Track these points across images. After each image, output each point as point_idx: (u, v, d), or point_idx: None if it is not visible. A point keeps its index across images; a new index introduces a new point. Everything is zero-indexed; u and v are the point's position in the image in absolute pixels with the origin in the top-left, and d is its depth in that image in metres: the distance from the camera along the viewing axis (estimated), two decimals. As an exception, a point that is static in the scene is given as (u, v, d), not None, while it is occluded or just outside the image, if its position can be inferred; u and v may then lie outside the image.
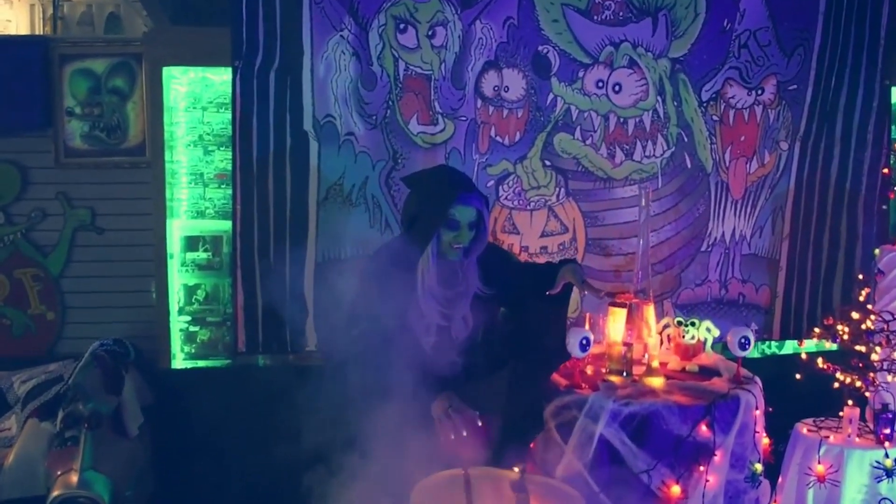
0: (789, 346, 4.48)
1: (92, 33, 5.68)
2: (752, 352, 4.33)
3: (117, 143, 4.20)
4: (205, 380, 4.21)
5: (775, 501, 3.24)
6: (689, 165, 4.18)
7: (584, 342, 2.90)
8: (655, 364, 3.00)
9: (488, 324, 3.00)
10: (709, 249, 4.25)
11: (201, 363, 4.22)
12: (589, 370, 3.12)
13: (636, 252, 3.35)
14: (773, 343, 4.45)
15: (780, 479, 3.28)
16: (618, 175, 4.12)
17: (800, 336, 4.39)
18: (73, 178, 4.18)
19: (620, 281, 4.13)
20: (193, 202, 4.22)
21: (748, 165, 4.24)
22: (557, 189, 4.09)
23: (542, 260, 4.06)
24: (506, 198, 4.05)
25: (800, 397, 3.45)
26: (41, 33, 5.42)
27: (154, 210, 4.09)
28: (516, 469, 2.74)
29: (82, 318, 4.24)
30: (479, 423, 2.75)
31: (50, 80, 4.08)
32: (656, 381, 2.96)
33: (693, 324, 3.16)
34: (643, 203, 3.25)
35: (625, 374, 3.03)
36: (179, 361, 4.22)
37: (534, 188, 4.07)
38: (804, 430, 3.25)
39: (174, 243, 4.18)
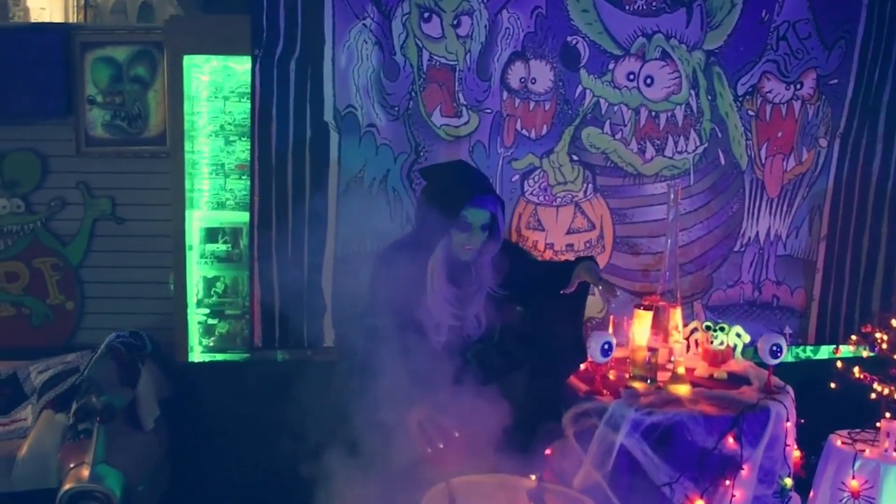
0: (825, 352, 4.27)
1: (125, 21, 5.65)
2: (786, 356, 4.17)
3: (138, 133, 4.12)
4: (222, 373, 4.12)
5: (806, 516, 3.06)
6: (722, 162, 4.00)
7: (606, 347, 2.75)
8: (681, 370, 2.84)
9: (503, 323, 2.86)
10: (742, 249, 4.06)
11: (219, 356, 4.13)
12: (611, 375, 2.97)
13: (665, 251, 3.18)
14: (808, 347, 4.23)
15: (811, 494, 3.11)
16: (648, 171, 3.95)
17: (836, 342, 4.18)
18: (93, 167, 4.11)
19: (649, 281, 3.96)
20: (214, 193, 4.13)
21: (785, 163, 4.04)
22: (585, 185, 3.93)
23: (567, 258, 3.90)
24: (531, 193, 3.90)
25: (834, 406, 3.28)
26: (74, 21, 5.41)
27: (173, 201, 3.99)
28: (532, 477, 2.62)
29: (101, 308, 4.17)
30: (457, 435, 2.58)
31: (71, 67, 3.99)
32: (682, 389, 2.80)
33: (722, 329, 3.00)
34: (672, 200, 3.08)
35: (649, 380, 2.87)
36: (197, 354, 4.13)
37: (560, 183, 3.91)
38: (838, 443, 3.06)
39: (194, 235, 4.08)
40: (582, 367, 2.95)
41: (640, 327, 3.01)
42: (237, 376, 4.08)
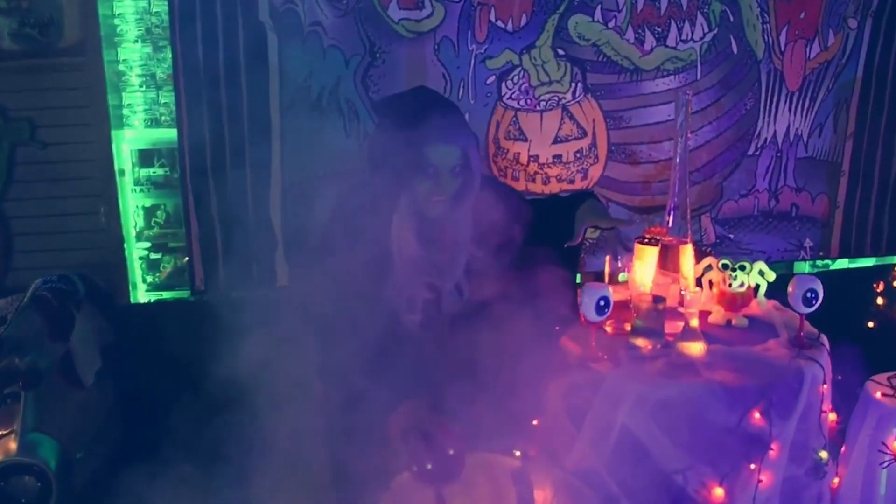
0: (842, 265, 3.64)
1: None
2: (804, 266, 3.54)
3: (52, 42, 3.37)
4: (171, 314, 3.51)
5: (837, 477, 2.48)
6: (735, 51, 3.30)
7: (602, 303, 2.11)
8: (694, 323, 2.20)
9: (492, 292, 2.18)
10: (757, 153, 3.39)
11: (167, 295, 3.50)
12: (608, 328, 2.34)
13: (672, 158, 2.47)
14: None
15: (843, 450, 2.52)
16: (647, 65, 3.26)
17: (862, 254, 3.54)
18: (4, 85, 3.38)
19: (650, 194, 3.31)
20: (146, 108, 3.41)
21: (808, 49, 3.33)
22: (573, 84, 3.24)
23: (554, 173, 3.22)
24: (510, 97, 3.20)
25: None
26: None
27: (94, 119, 3.29)
28: (517, 454, 2.04)
29: (31, 245, 3.51)
30: (451, 452, 1.92)
31: (-37, -34, 3.22)
32: (695, 348, 2.17)
33: (742, 267, 2.34)
34: (681, 118, 2.36)
35: (654, 335, 2.23)
36: (142, 294, 3.50)
37: (544, 84, 3.21)
38: (878, 395, 2.45)
39: (125, 158, 3.39)
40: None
41: (643, 266, 2.37)
42: (188, 316, 3.46)
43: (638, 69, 3.25)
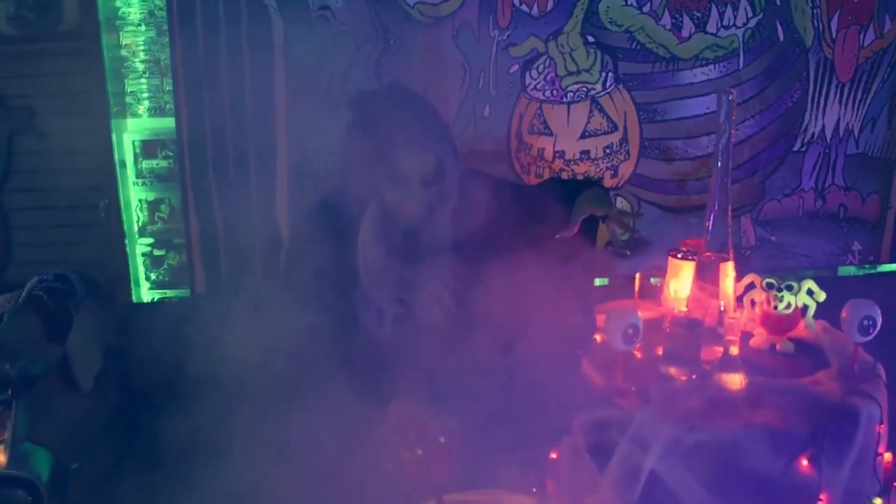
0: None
1: None
2: (849, 269, 3.24)
3: (52, 26, 3.14)
4: (175, 313, 3.28)
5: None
6: (781, 38, 2.97)
7: (631, 332, 1.84)
8: (735, 351, 1.93)
9: (479, 302, 1.95)
10: (803, 149, 3.09)
11: (171, 293, 3.28)
12: (636, 352, 2.07)
13: (713, 158, 2.17)
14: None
15: (897, 485, 2.23)
16: (685, 53, 2.97)
17: (916, 259, 3.24)
18: (2, 70, 3.15)
19: (685, 193, 3.02)
20: (151, 96, 3.17)
21: (862, 36, 3.01)
22: (603, 74, 2.97)
23: (581, 170, 2.95)
24: (535, 87, 2.92)
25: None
26: None
27: (93, 107, 3.07)
28: (534, 491, 1.83)
29: (31, 238, 3.31)
30: (442, 440, 1.82)
31: (-42, -54, 3.01)
32: (735, 380, 1.89)
33: (790, 287, 2.05)
34: (723, 115, 2.07)
35: (689, 363, 1.96)
36: (145, 292, 3.29)
37: (572, 73, 2.94)
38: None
39: (126, 148, 3.17)
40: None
41: (679, 283, 2.08)
42: (193, 315, 3.24)
43: (674, 58, 2.97)
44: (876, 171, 3.16)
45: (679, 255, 2.18)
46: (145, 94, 3.19)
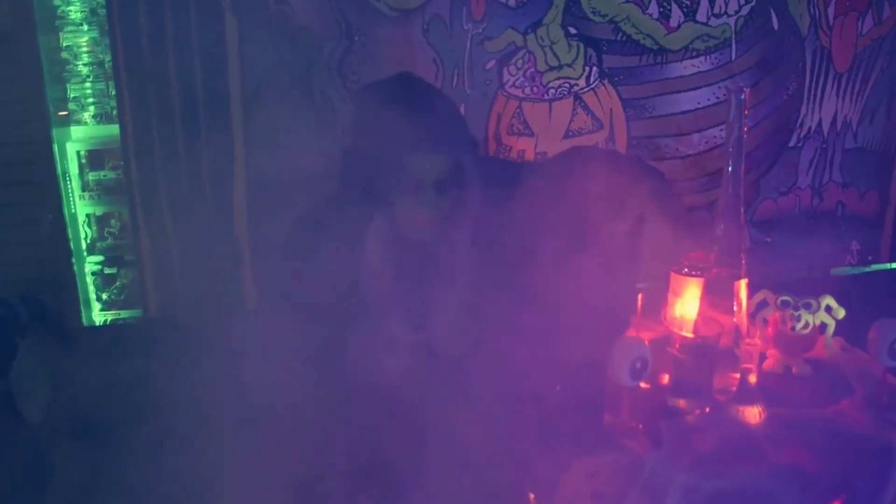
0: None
1: None
2: (848, 268, 3.04)
3: (-17, 27, 2.84)
4: (130, 336, 3.02)
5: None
6: (775, 26, 2.74)
7: (640, 365, 1.60)
8: (753, 380, 1.70)
9: (506, 324, 1.70)
10: (799, 144, 2.89)
11: (124, 314, 3.00)
12: (641, 383, 1.82)
13: (724, 157, 1.93)
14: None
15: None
16: (674, 44, 2.75)
17: (917, 258, 3.05)
18: (-69, 75, 2.86)
19: (679, 196, 2.78)
20: (96, 102, 2.89)
21: (860, 23, 2.79)
22: (587, 68, 2.72)
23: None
24: (513, 84, 2.68)
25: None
26: None
27: (31, 115, 2.79)
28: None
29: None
30: None
31: None
32: (752, 414, 1.66)
33: (808, 305, 1.83)
34: (732, 116, 1.83)
35: (701, 394, 1.73)
36: (96, 313, 3.00)
37: (553, 68, 2.70)
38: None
39: (71, 159, 2.89)
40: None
41: (685, 304, 1.84)
42: (145, 337, 2.97)
43: (663, 49, 2.74)
44: (874, 165, 2.98)
45: (683, 271, 1.94)
46: (90, 100, 2.91)
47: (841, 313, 1.90)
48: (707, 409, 1.73)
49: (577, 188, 1.72)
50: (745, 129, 1.90)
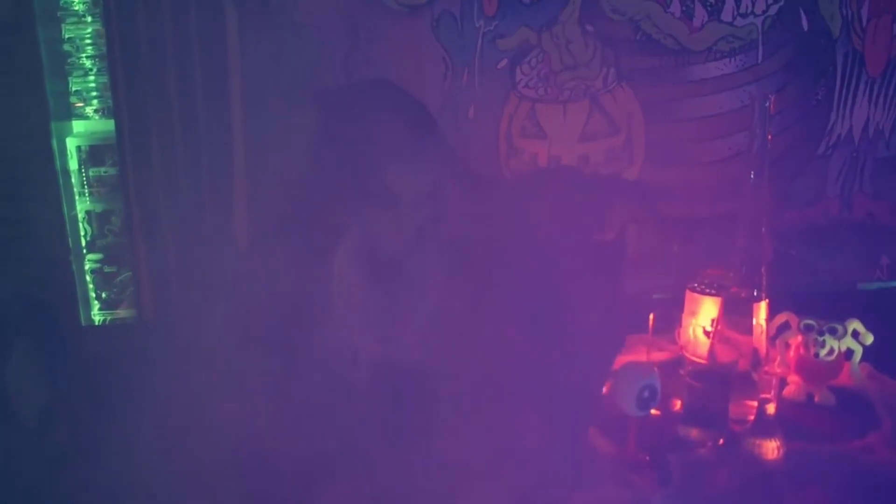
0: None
1: None
2: (877, 283, 2.88)
3: (-18, 18, 2.75)
4: (131, 336, 2.92)
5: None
6: (805, 27, 2.57)
7: (647, 394, 1.47)
8: (772, 410, 1.56)
9: (480, 335, 1.59)
10: (828, 153, 2.72)
11: (123, 313, 2.91)
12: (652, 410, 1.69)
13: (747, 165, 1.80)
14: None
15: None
16: (697, 45, 2.59)
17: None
18: (-71, 67, 2.77)
19: (697, 203, 2.63)
20: (99, 96, 2.80)
21: (895, 26, 2.58)
22: (605, 69, 2.56)
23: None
24: (527, 84, 2.54)
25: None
26: None
27: (30, 109, 2.70)
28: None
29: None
30: None
31: None
32: (770, 448, 1.53)
33: (833, 330, 1.68)
34: (757, 123, 1.69)
35: (715, 424, 1.60)
36: (95, 313, 2.91)
37: (569, 69, 2.55)
38: None
39: (71, 155, 2.80)
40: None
41: (700, 324, 1.72)
42: (151, 338, 2.88)
43: (685, 50, 2.58)
44: (907, 175, 2.80)
45: (699, 289, 1.81)
46: (93, 94, 2.81)
47: (869, 339, 1.76)
48: (721, 441, 1.60)
49: (552, 204, 1.64)
50: (770, 135, 1.76)
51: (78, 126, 2.81)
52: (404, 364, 1.59)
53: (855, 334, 1.75)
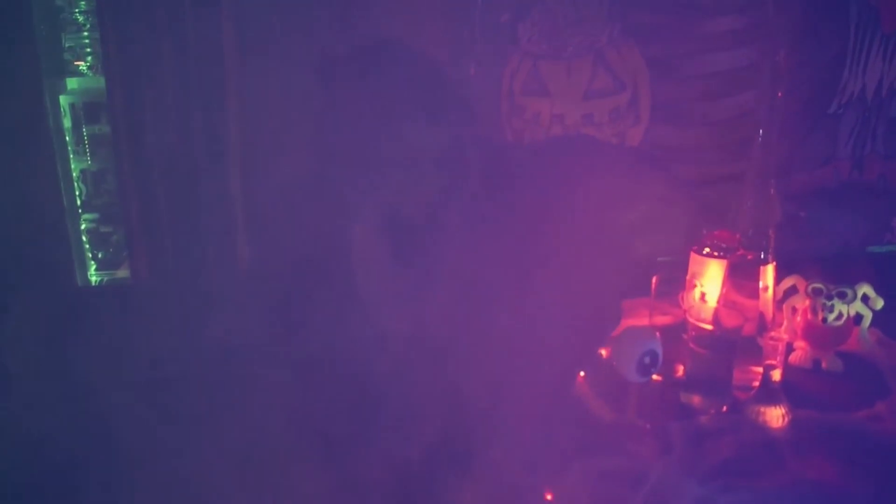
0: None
1: None
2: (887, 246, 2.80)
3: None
4: (127, 296, 2.86)
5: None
6: (817, -19, 2.46)
7: (648, 360, 1.40)
8: (777, 377, 1.50)
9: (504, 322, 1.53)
10: (839, 111, 2.60)
11: (121, 273, 2.85)
12: (653, 376, 1.63)
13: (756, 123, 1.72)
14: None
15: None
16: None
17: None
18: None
19: (705, 164, 2.55)
20: (95, 52, 2.72)
21: (913, -22, 2.49)
22: (610, 24, 2.43)
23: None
24: (529, 40, 2.42)
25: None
26: None
27: (21, 65, 2.60)
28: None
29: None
30: None
31: None
32: (775, 416, 1.46)
33: (842, 294, 1.61)
34: (765, 78, 1.60)
35: (718, 391, 1.53)
36: (91, 273, 2.86)
37: (572, 24, 2.41)
38: None
39: (65, 112, 2.72)
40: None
41: (707, 287, 1.65)
42: (143, 299, 2.82)
43: (692, 4, 2.47)
44: (921, 136, 2.70)
45: (705, 252, 1.73)
46: (88, 50, 2.73)
47: (879, 304, 1.68)
48: (724, 409, 1.54)
49: (576, 175, 1.55)
50: (780, 94, 1.68)
51: (72, 83, 2.72)
52: (434, 339, 1.52)
53: (865, 299, 1.68)
